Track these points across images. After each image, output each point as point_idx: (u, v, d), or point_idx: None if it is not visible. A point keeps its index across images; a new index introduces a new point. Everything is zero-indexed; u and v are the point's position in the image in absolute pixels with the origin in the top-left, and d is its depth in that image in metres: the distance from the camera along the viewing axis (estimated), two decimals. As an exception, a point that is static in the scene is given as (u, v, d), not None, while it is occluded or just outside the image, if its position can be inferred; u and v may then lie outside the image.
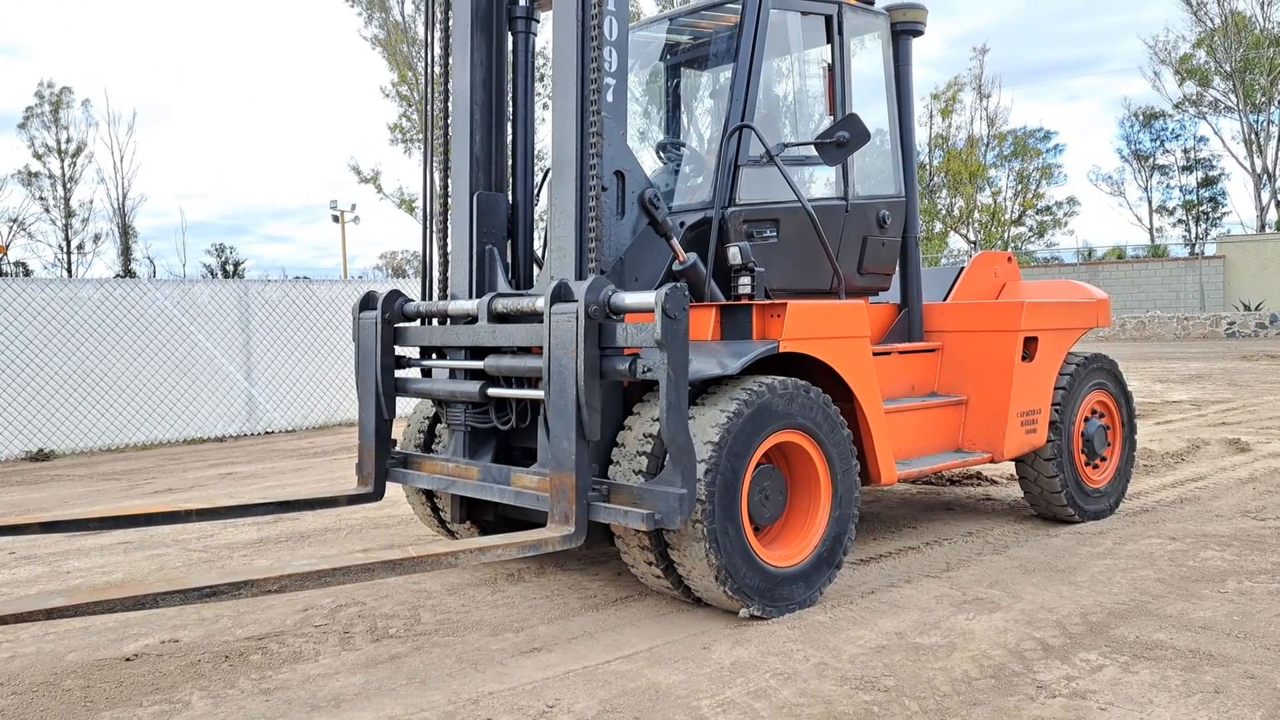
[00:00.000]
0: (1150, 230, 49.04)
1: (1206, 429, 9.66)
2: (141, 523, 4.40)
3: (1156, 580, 4.58)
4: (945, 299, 6.07)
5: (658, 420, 3.92)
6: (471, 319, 4.54)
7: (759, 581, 4.07)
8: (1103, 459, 6.02)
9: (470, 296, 4.73)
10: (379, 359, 4.76)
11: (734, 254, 4.61)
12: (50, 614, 2.93)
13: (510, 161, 4.99)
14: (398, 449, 5.07)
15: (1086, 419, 5.93)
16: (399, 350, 4.91)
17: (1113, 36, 66.29)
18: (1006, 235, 43.52)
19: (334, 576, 3.32)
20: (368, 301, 4.85)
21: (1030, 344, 5.55)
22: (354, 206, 40.26)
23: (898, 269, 5.76)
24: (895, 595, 4.44)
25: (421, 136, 5.06)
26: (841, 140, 4.74)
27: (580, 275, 4.23)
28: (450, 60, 4.93)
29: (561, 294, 3.90)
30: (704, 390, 4.22)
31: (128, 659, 3.87)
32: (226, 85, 70.88)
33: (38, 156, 46.72)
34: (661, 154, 5.85)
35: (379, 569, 3.42)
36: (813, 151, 4.92)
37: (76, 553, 5.75)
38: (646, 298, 3.75)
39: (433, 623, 4.22)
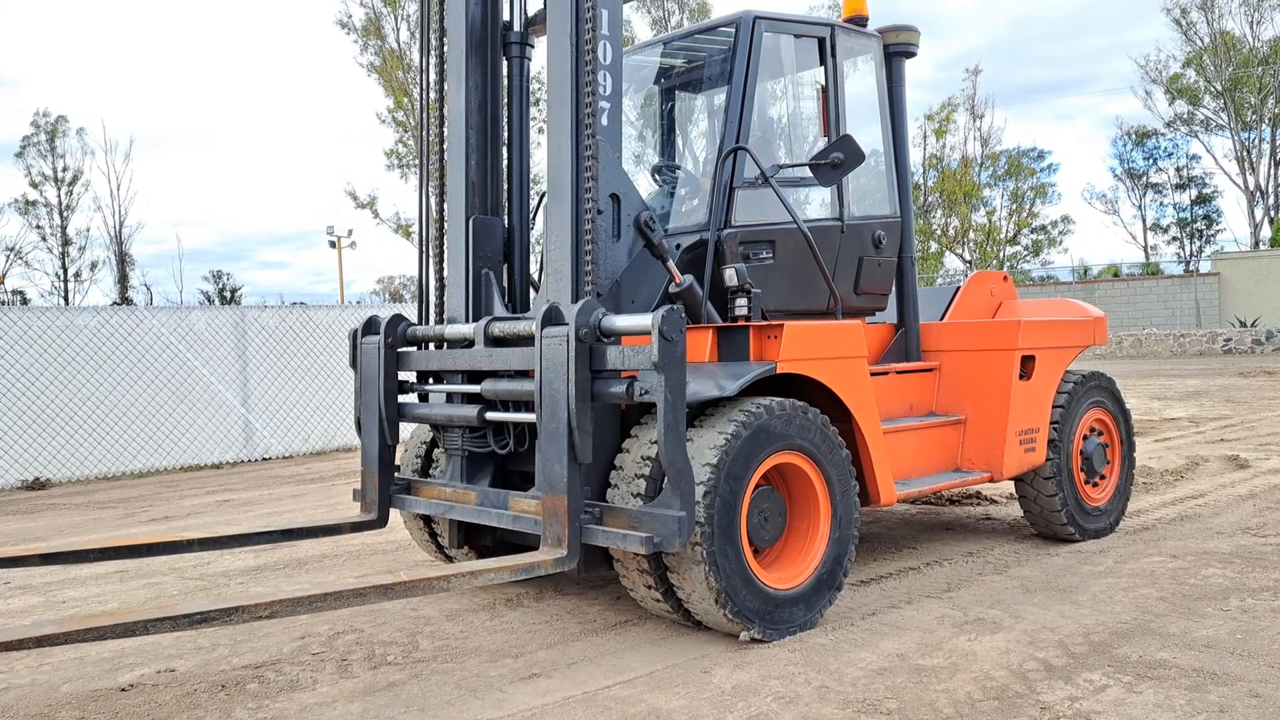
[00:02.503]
0: (1145, 248, 49.29)
1: (1205, 446, 9.65)
2: (143, 553, 4.35)
3: (1158, 599, 4.56)
4: (942, 318, 6.07)
5: (655, 443, 3.91)
6: (468, 343, 4.54)
7: (759, 604, 4.05)
8: (1102, 477, 6.01)
9: (467, 320, 4.73)
10: (382, 384, 4.74)
11: (730, 275, 4.61)
12: (40, 642, 2.92)
13: (506, 185, 5.00)
14: (400, 475, 5.04)
15: (1085, 437, 5.92)
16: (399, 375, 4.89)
17: (1101, 57, 66.95)
18: (1002, 254, 43.66)
19: (325, 601, 3.31)
20: (370, 326, 4.82)
21: (1028, 362, 5.55)
22: (350, 232, 40.38)
23: (894, 289, 5.77)
24: (896, 616, 4.41)
25: (417, 161, 5.08)
26: (836, 161, 4.75)
27: (577, 298, 4.23)
28: (445, 86, 4.95)
29: (552, 317, 3.91)
30: (702, 412, 4.21)
31: (123, 689, 3.84)
32: (223, 113, 71.26)
33: (34, 185, 46.90)
34: (657, 177, 5.87)
35: (370, 594, 3.40)
36: (808, 173, 4.93)
37: (72, 582, 5.71)
38: (639, 320, 3.75)
39: (431, 649, 4.19)
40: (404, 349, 4.84)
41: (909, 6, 58.35)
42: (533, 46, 5.05)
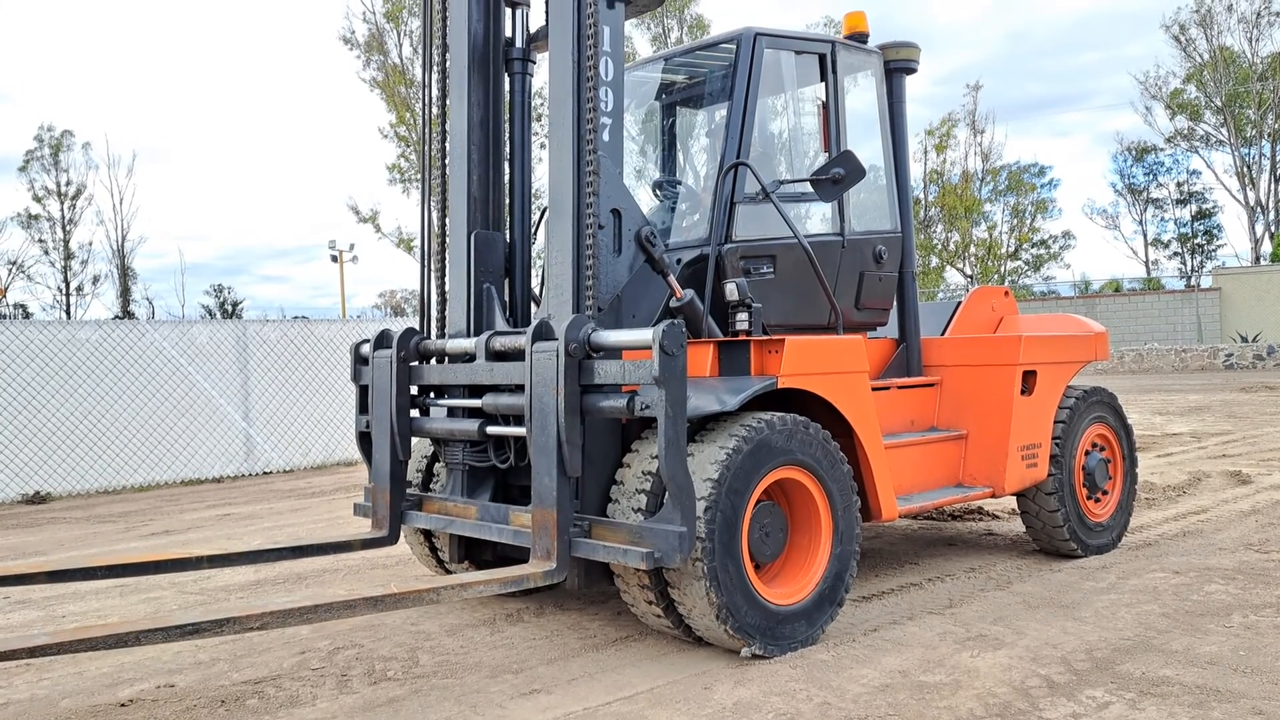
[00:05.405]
0: (1146, 263, 49.35)
1: (1207, 461, 9.63)
2: (150, 570, 4.32)
3: (1161, 615, 4.54)
4: (943, 333, 6.07)
5: (656, 458, 3.91)
6: (470, 357, 4.54)
7: (760, 620, 4.03)
8: (1104, 492, 5.99)
9: (468, 335, 4.73)
10: (394, 398, 4.72)
11: (731, 290, 4.62)
12: (34, 652, 2.92)
13: (507, 200, 5.01)
14: (412, 491, 5.00)
15: (1087, 452, 5.91)
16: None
17: (1098, 72, 67.17)
18: (1003, 269, 43.70)
19: (316, 613, 3.31)
20: (383, 340, 4.81)
21: (1029, 378, 5.55)
22: (352, 246, 40.42)
23: (895, 304, 5.78)
24: (898, 633, 4.40)
25: (419, 176, 5.09)
26: (837, 177, 4.76)
27: (577, 312, 4.24)
28: (448, 101, 4.97)
29: (542, 332, 3.92)
30: (703, 427, 4.20)
31: (123, 704, 3.82)
32: (225, 127, 71.54)
33: (37, 199, 47.04)
34: (658, 192, 5.88)
35: (360, 605, 3.41)
36: (809, 188, 4.94)
37: (72, 597, 5.70)
38: (633, 335, 3.76)
39: (431, 664, 4.18)
40: (413, 363, 4.82)
41: (904, 21, 58.67)
42: (534, 63, 5.08)
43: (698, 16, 37.83)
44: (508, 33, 5.01)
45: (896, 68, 5.77)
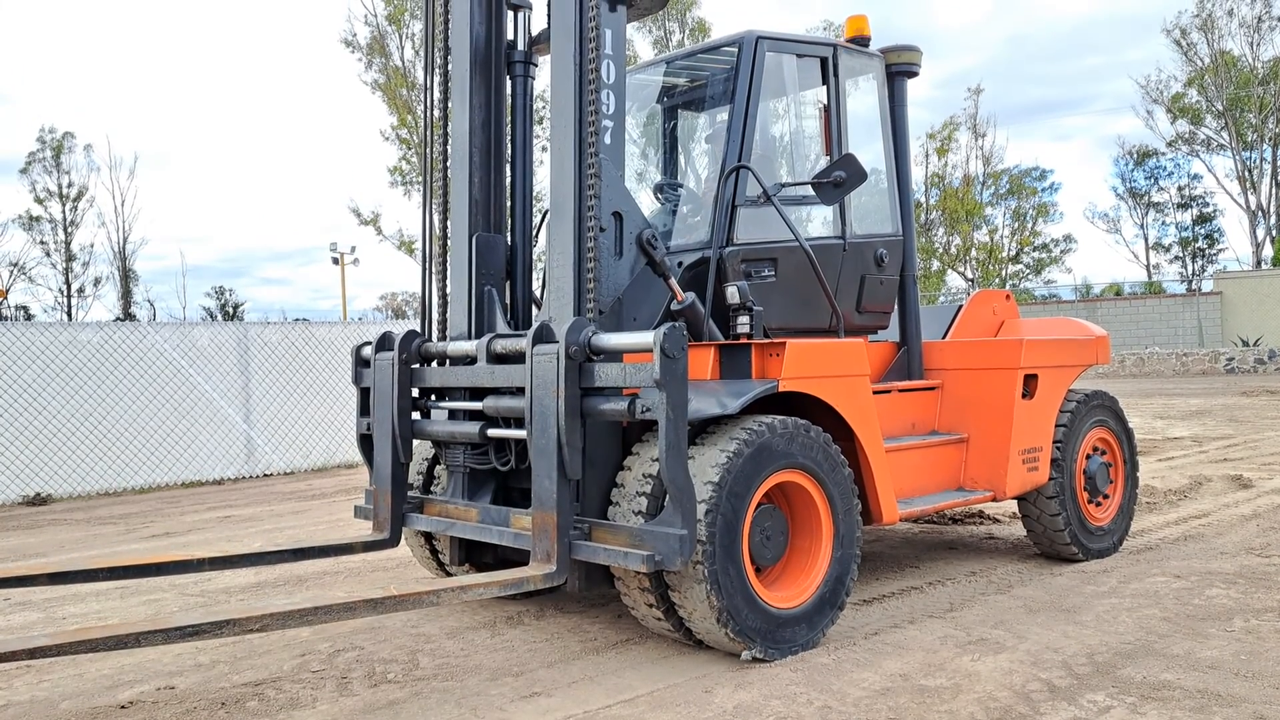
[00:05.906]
0: (1147, 267, 49.33)
1: (1208, 465, 9.62)
2: (152, 572, 4.33)
3: (1162, 619, 4.54)
4: (944, 337, 6.07)
5: (657, 460, 3.91)
6: (471, 360, 4.54)
7: (761, 623, 4.03)
8: (1105, 496, 5.99)
9: (469, 337, 4.73)
10: (395, 401, 4.72)
11: (732, 293, 4.62)
12: (34, 654, 2.92)
13: (509, 203, 5.02)
14: (413, 493, 5.00)
15: (1088, 456, 5.91)
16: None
17: (1099, 76, 67.06)
18: (1004, 273, 43.70)
19: (315, 615, 3.32)
20: (384, 342, 4.81)
21: (1030, 381, 5.55)
22: (353, 249, 40.42)
23: (896, 307, 5.78)
24: (899, 636, 4.39)
25: (421, 179, 5.10)
26: (839, 180, 4.76)
27: (579, 315, 4.24)
28: (449, 104, 4.97)
29: (542, 335, 3.93)
30: (703, 430, 4.20)
31: (122, 706, 3.82)
32: (226, 130, 71.59)
33: (39, 201, 47.08)
34: (659, 195, 5.88)
35: (360, 607, 3.41)
36: (810, 191, 4.95)
37: (72, 599, 5.70)
38: (632, 338, 3.76)
39: (431, 667, 4.18)
40: (414, 366, 4.83)
41: (904, 24, 58.72)
42: (536, 65, 5.08)
43: (699, 20, 37.88)
44: (510, 35, 5.02)
45: (898, 71, 5.78)
